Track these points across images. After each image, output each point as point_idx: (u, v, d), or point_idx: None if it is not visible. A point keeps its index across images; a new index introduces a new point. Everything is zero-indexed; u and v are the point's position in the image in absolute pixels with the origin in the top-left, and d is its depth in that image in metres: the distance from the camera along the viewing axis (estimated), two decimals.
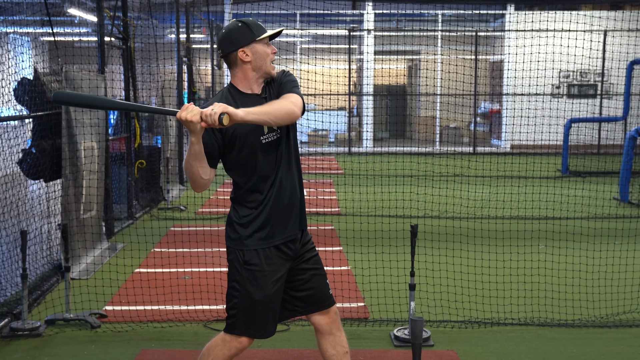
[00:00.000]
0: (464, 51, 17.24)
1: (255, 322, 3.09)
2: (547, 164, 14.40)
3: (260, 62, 3.07)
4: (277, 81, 3.14)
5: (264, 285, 3.06)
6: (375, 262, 6.24)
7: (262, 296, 3.05)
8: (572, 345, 4.60)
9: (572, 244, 6.67)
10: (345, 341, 3.30)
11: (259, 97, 3.10)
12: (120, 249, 7.16)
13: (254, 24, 3.08)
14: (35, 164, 5.89)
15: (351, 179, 12.45)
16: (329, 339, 3.26)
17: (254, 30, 3.06)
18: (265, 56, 3.07)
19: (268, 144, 3.04)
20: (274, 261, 3.09)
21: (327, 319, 3.24)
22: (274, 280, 3.08)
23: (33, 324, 4.77)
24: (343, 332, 3.31)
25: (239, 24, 3.06)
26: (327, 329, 3.25)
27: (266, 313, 3.09)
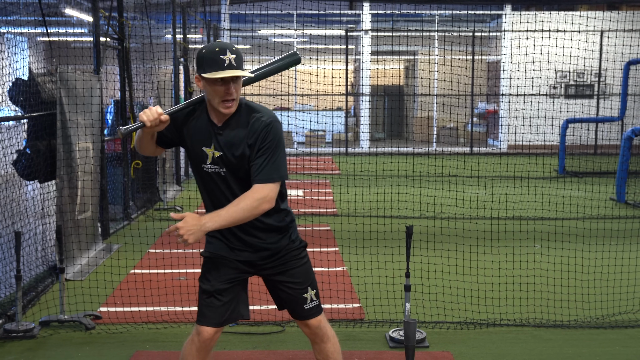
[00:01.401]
0: (461, 52, 17.25)
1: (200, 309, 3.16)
2: (543, 165, 14.41)
3: (209, 96, 2.95)
4: (255, 129, 2.94)
5: (211, 279, 3.13)
6: (371, 263, 6.23)
7: (208, 287, 3.13)
8: (567, 346, 4.59)
9: (568, 245, 6.67)
10: (332, 351, 3.28)
11: (214, 129, 2.99)
12: (116, 250, 7.14)
13: (209, 58, 2.86)
14: (30, 165, 5.87)
15: (348, 180, 12.44)
16: (315, 347, 3.31)
17: (205, 65, 2.87)
18: (212, 94, 2.91)
19: (209, 174, 3.05)
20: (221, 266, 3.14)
21: (307, 329, 3.25)
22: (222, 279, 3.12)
23: (27, 325, 4.76)
24: (330, 342, 3.28)
25: (204, 50, 2.90)
26: (311, 338, 3.29)
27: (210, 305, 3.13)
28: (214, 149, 3.00)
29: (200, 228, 2.79)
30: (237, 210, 2.87)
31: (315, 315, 3.23)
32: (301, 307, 3.20)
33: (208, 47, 2.90)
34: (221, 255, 3.14)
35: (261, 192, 2.90)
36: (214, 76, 2.83)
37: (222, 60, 2.85)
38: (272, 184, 2.93)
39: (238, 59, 2.88)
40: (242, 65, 2.92)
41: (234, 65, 2.86)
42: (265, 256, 3.14)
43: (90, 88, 6.78)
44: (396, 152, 16.69)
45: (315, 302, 3.24)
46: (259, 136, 2.94)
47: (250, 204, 2.88)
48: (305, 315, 3.22)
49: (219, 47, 2.88)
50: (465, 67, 17.38)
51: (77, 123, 6.36)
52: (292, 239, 3.20)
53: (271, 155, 2.94)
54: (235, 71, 2.86)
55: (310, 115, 17.92)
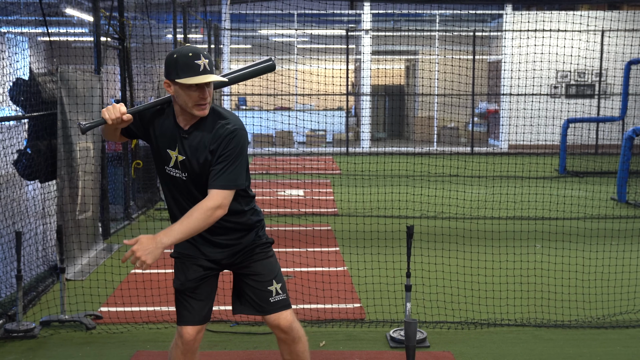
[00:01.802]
0: (462, 51, 17.24)
1: (178, 310, 3.21)
2: (544, 164, 14.40)
3: (180, 101, 2.94)
4: (219, 135, 2.93)
5: (182, 278, 3.18)
6: (372, 263, 6.22)
7: (178, 285, 3.18)
8: (568, 346, 4.59)
9: (569, 245, 6.66)
10: (302, 351, 3.27)
11: (182, 132, 2.99)
12: (117, 249, 7.14)
13: (183, 63, 2.85)
14: (30, 165, 5.87)
15: (348, 180, 12.44)
16: (284, 347, 3.28)
17: (179, 70, 2.85)
18: (185, 98, 2.90)
19: (171, 177, 3.07)
20: (190, 264, 3.17)
21: (279, 330, 3.23)
22: (192, 277, 3.16)
23: (28, 325, 4.76)
24: (301, 343, 3.26)
25: (174, 55, 2.88)
26: (280, 339, 3.26)
27: (185, 303, 3.17)
28: (177, 152, 3.01)
29: (156, 246, 2.77)
30: (191, 221, 2.86)
31: (282, 309, 3.21)
32: (267, 301, 3.19)
33: (180, 52, 2.88)
34: (188, 254, 3.17)
35: (214, 200, 2.88)
36: (191, 82, 2.83)
37: (197, 66, 2.85)
38: (226, 191, 2.91)
39: (210, 63, 2.90)
40: (214, 69, 2.95)
41: (208, 70, 2.88)
42: (231, 253, 3.17)
43: (91, 88, 6.78)
44: (397, 152, 16.68)
45: (282, 296, 3.22)
46: (222, 142, 2.93)
47: (203, 213, 2.87)
48: (271, 309, 3.19)
49: (192, 52, 2.87)
50: (466, 66, 17.38)
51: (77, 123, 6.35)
52: (258, 234, 3.22)
53: (231, 163, 2.92)
54: (211, 76, 2.87)
55: (311, 115, 17.91)
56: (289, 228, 7.86)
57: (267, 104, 18.18)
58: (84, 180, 6.55)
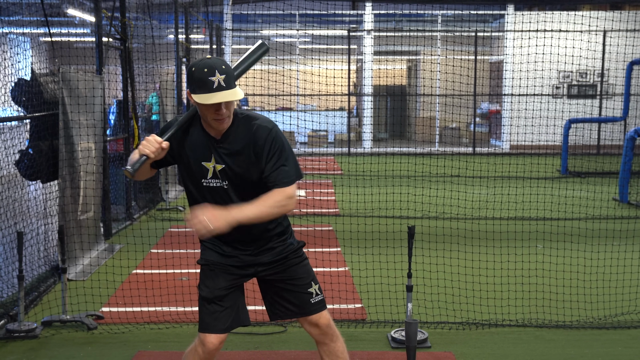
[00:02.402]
0: (464, 52, 17.24)
1: (202, 318, 3.15)
2: (546, 165, 14.39)
3: (200, 113, 2.94)
4: (258, 137, 2.94)
5: (210, 285, 3.13)
6: (373, 264, 6.22)
7: (207, 294, 3.13)
8: (569, 346, 4.58)
9: (570, 245, 6.66)
10: (341, 350, 3.27)
11: (216, 141, 2.98)
12: (118, 250, 7.14)
13: (198, 79, 2.81)
14: (32, 165, 5.88)
15: (350, 180, 12.44)
16: (323, 348, 3.26)
17: (195, 85, 2.84)
18: (204, 112, 2.90)
19: (211, 188, 3.04)
20: (219, 272, 3.14)
21: (317, 330, 3.22)
22: (221, 285, 3.12)
23: (29, 325, 4.76)
24: (339, 341, 3.27)
25: (193, 68, 2.85)
26: (319, 340, 3.25)
27: (212, 312, 3.13)
28: (214, 162, 2.99)
29: (226, 217, 2.81)
30: (266, 205, 2.89)
31: (322, 309, 3.21)
32: (308, 302, 3.18)
33: (197, 66, 2.84)
34: (218, 262, 3.13)
35: (287, 192, 2.93)
36: (204, 102, 2.82)
37: (211, 83, 2.81)
38: (293, 185, 2.97)
39: (227, 78, 2.83)
40: (233, 82, 2.87)
41: (224, 86, 2.82)
42: (266, 261, 3.15)
43: (93, 88, 6.78)
44: (398, 152, 16.68)
45: (320, 297, 3.23)
46: (265, 142, 2.94)
47: (278, 200, 2.91)
48: (313, 310, 3.19)
49: (208, 67, 2.82)
50: (468, 67, 17.37)
51: (79, 123, 6.36)
52: (290, 240, 3.21)
53: (285, 158, 2.96)
54: (224, 95, 2.82)
55: (313, 115, 17.92)
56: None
57: (269, 105, 18.18)
58: (86, 180, 6.55)
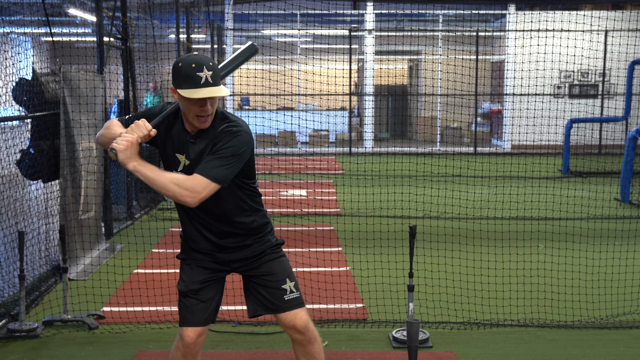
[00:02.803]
0: (465, 51, 17.22)
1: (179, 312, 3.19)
2: (548, 164, 14.37)
3: (183, 109, 2.95)
4: (220, 137, 2.91)
5: (186, 279, 3.17)
6: (375, 263, 6.21)
7: (182, 287, 3.17)
8: (571, 346, 4.57)
9: (572, 245, 6.65)
10: (319, 352, 3.26)
11: (187, 137, 2.99)
12: (119, 249, 7.14)
13: (185, 74, 2.82)
14: (33, 165, 5.87)
15: (351, 180, 12.43)
16: (299, 349, 3.26)
17: (181, 80, 2.84)
18: (187, 108, 2.90)
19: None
20: (195, 267, 3.17)
21: (295, 331, 3.20)
22: (196, 279, 3.15)
23: (30, 325, 4.76)
24: (316, 344, 3.25)
25: (180, 63, 2.84)
26: (296, 340, 3.24)
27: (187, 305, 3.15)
28: (185, 157, 3.01)
29: (130, 157, 2.83)
30: (166, 177, 2.86)
31: (296, 307, 3.19)
32: (281, 299, 3.17)
33: (185, 61, 2.84)
34: (194, 257, 3.17)
35: (197, 183, 2.82)
36: (190, 96, 2.81)
37: (199, 78, 2.81)
38: (209, 181, 2.83)
39: (214, 74, 2.84)
40: (219, 79, 2.88)
41: (210, 82, 2.83)
42: (241, 257, 3.16)
43: (94, 88, 6.78)
44: (400, 152, 16.67)
45: (296, 294, 3.21)
46: (222, 139, 2.91)
47: (180, 182, 2.84)
48: (285, 307, 3.17)
49: (196, 62, 2.82)
50: (469, 66, 17.35)
51: (80, 123, 6.36)
52: (267, 237, 3.22)
53: (224, 158, 2.87)
54: (211, 90, 2.82)
55: (314, 115, 17.91)
56: (291, 228, 7.85)
57: (270, 104, 18.18)
58: (87, 180, 6.55)
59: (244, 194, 3.09)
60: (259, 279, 3.20)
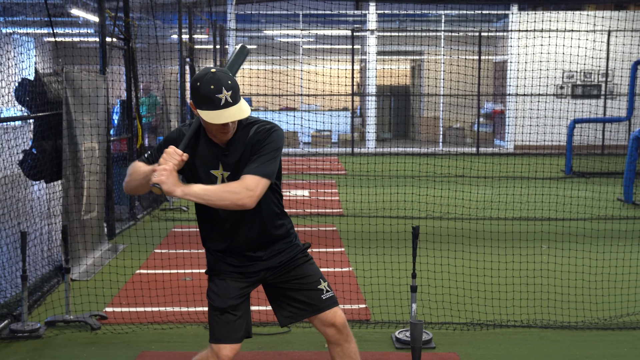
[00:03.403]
0: (467, 51, 17.20)
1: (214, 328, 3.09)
2: (550, 165, 14.35)
3: (206, 125, 2.90)
4: (256, 138, 2.90)
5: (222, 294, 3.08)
6: (377, 264, 6.20)
7: (220, 304, 3.07)
8: (575, 347, 4.56)
9: (575, 246, 6.63)
10: (355, 351, 3.22)
11: (222, 150, 2.95)
12: (122, 250, 7.14)
13: (204, 96, 2.77)
14: (36, 165, 5.87)
15: (354, 180, 12.42)
16: (337, 349, 3.20)
17: (200, 102, 2.80)
18: (208, 126, 2.88)
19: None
20: (230, 280, 3.10)
21: (334, 330, 3.16)
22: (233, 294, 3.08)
23: (33, 325, 4.75)
24: (353, 342, 3.22)
25: (197, 83, 2.79)
26: (334, 340, 3.19)
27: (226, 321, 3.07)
28: (222, 169, 2.97)
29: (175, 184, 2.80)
30: (216, 189, 2.83)
31: (334, 305, 3.16)
32: (319, 299, 3.14)
33: (203, 82, 2.79)
34: (226, 270, 3.10)
35: (249, 182, 2.82)
36: (212, 121, 2.79)
37: (218, 100, 2.78)
38: (262, 178, 2.84)
39: (234, 93, 2.81)
40: (238, 95, 2.84)
41: (230, 102, 2.80)
42: (274, 265, 3.12)
43: (97, 88, 6.77)
44: (402, 152, 16.65)
45: (331, 293, 3.19)
46: (260, 139, 2.91)
47: (233, 187, 2.82)
48: (325, 305, 3.14)
49: (214, 84, 2.77)
50: (472, 67, 17.33)
51: (83, 123, 6.36)
52: (295, 242, 3.20)
53: (267, 155, 2.89)
54: (232, 113, 2.79)
55: (317, 115, 17.90)
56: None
57: (273, 104, 18.17)
58: (89, 180, 6.55)
59: (275, 197, 3.07)
60: (291, 283, 3.15)
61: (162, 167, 2.81)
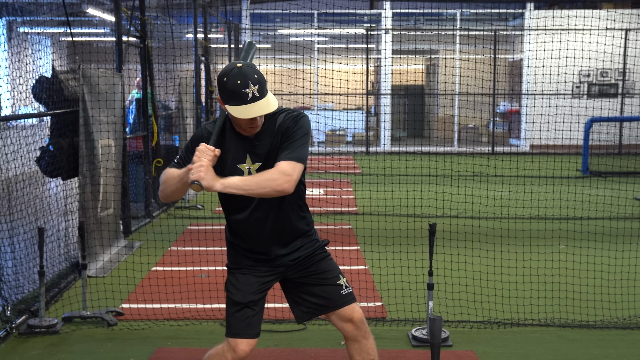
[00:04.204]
0: (483, 50, 17.11)
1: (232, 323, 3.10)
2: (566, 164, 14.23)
3: (233, 119, 2.91)
4: (284, 127, 2.93)
5: (242, 289, 3.09)
6: (393, 262, 6.17)
7: (240, 298, 3.07)
8: (593, 346, 4.51)
9: (593, 244, 6.57)
10: (373, 348, 3.20)
11: (251, 142, 2.96)
12: (137, 247, 7.16)
13: (231, 91, 2.78)
14: (53, 162, 5.90)
15: (369, 179, 12.38)
16: (355, 346, 3.18)
17: (228, 97, 2.81)
18: (237, 120, 2.89)
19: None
20: (251, 276, 3.11)
21: (352, 326, 3.15)
22: (254, 289, 3.09)
23: (50, 321, 4.77)
24: (371, 339, 3.21)
25: (224, 78, 2.80)
26: (351, 337, 3.17)
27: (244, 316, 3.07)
28: (250, 162, 2.96)
29: (213, 178, 2.79)
30: (255, 178, 2.84)
31: (353, 301, 3.16)
32: (339, 294, 3.13)
33: (230, 77, 2.79)
34: (248, 265, 3.10)
35: (285, 167, 2.84)
36: (240, 115, 2.80)
37: (245, 94, 2.78)
38: (297, 163, 2.87)
39: (261, 87, 2.81)
40: (265, 89, 2.84)
41: (258, 96, 2.80)
42: (294, 258, 3.11)
43: (113, 85, 6.80)
44: (417, 151, 16.59)
45: (350, 289, 3.19)
46: (288, 126, 2.93)
47: (270, 174, 2.83)
48: (344, 301, 3.13)
49: (241, 78, 2.77)
50: (487, 66, 17.23)
51: (99, 120, 6.38)
52: (315, 237, 3.20)
53: (298, 140, 2.91)
54: (259, 107, 2.80)
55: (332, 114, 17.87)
56: None
57: (287, 103, 18.17)
58: (106, 177, 6.57)
59: (300, 190, 3.08)
60: (311, 278, 3.14)
61: (198, 164, 2.81)
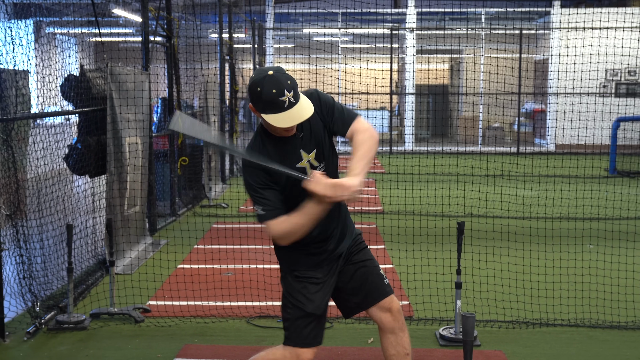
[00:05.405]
0: (508, 50, 16.95)
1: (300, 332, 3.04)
2: (593, 164, 14.05)
3: (267, 127, 2.88)
4: (316, 108, 2.87)
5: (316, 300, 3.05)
6: (420, 260, 6.12)
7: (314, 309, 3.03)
8: (625, 347, 4.43)
9: (623, 243, 6.47)
10: (408, 342, 3.18)
11: (294, 137, 2.90)
12: (164, 244, 7.19)
13: (267, 101, 2.71)
14: (80, 160, 5.94)
15: (394, 177, 12.32)
16: (390, 338, 3.16)
17: (264, 106, 2.73)
18: (273, 128, 2.84)
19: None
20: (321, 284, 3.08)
21: (389, 316, 3.13)
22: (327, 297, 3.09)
23: (78, 317, 4.81)
24: (407, 333, 3.19)
25: (258, 88, 2.71)
26: (388, 327, 3.15)
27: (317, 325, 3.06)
28: (306, 155, 2.93)
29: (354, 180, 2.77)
30: (366, 145, 2.87)
31: (392, 292, 3.17)
32: (382, 284, 3.13)
33: (264, 86, 2.71)
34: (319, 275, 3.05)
35: (361, 123, 2.94)
36: (279, 125, 2.75)
37: (282, 102, 2.72)
38: (359, 116, 2.98)
39: (295, 92, 2.75)
40: (298, 92, 2.78)
41: (293, 102, 2.74)
42: (344, 249, 3.13)
43: (141, 82, 6.83)
44: (441, 151, 16.49)
45: (388, 280, 3.20)
46: (320, 104, 2.94)
47: (364, 136, 2.88)
48: (387, 291, 3.13)
49: (276, 87, 2.70)
50: (512, 66, 17.08)
51: (126, 118, 6.42)
52: (352, 225, 3.23)
53: (337, 106, 2.98)
54: (297, 114, 2.75)
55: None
56: None
57: None
58: (133, 175, 6.60)
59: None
60: (360, 268, 3.11)
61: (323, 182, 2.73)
